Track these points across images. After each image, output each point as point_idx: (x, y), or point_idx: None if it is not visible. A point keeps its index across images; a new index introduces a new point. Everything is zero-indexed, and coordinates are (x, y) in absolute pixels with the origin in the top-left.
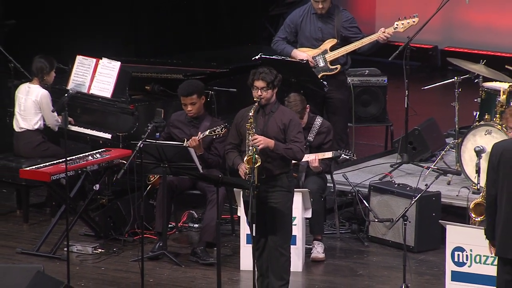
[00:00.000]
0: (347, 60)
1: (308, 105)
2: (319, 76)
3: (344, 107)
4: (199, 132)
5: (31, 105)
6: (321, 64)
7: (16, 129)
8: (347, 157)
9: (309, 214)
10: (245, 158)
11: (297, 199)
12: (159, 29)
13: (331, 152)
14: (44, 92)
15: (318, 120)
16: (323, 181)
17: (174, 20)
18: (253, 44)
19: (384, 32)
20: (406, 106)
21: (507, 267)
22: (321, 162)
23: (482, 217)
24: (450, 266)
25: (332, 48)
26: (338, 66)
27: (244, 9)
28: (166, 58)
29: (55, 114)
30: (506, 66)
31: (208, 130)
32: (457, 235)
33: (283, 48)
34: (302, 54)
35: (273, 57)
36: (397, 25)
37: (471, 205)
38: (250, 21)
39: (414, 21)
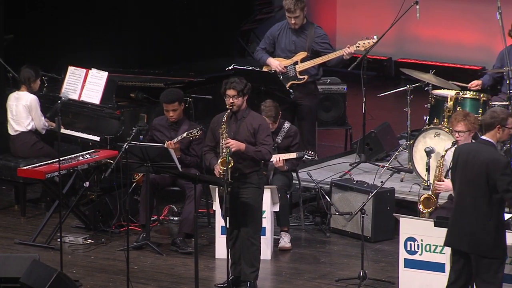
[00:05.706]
0: (318, 72)
1: (280, 112)
2: (288, 84)
3: (312, 113)
4: (177, 137)
5: (22, 109)
6: (291, 73)
7: (12, 132)
8: (310, 157)
9: (276, 208)
10: (219, 160)
11: (266, 195)
12: (143, 44)
13: (295, 153)
14: (33, 97)
15: (286, 125)
16: (288, 178)
17: (157, 36)
18: (226, 56)
19: (347, 49)
20: (363, 111)
21: (455, 256)
22: (287, 161)
23: (430, 209)
24: (403, 254)
25: (303, 60)
26: (306, 76)
27: (219, 25)
28: (149, 69)
29: (43, 118)
30: (454, 83)
31: (186, 133)
32: (409, 226)
33: (261, 56)
34: (275, 62)
35: (244, 67)
36: (359, 44)
37: (421, 198)
38: (224, 36)
39: (373, 41)
